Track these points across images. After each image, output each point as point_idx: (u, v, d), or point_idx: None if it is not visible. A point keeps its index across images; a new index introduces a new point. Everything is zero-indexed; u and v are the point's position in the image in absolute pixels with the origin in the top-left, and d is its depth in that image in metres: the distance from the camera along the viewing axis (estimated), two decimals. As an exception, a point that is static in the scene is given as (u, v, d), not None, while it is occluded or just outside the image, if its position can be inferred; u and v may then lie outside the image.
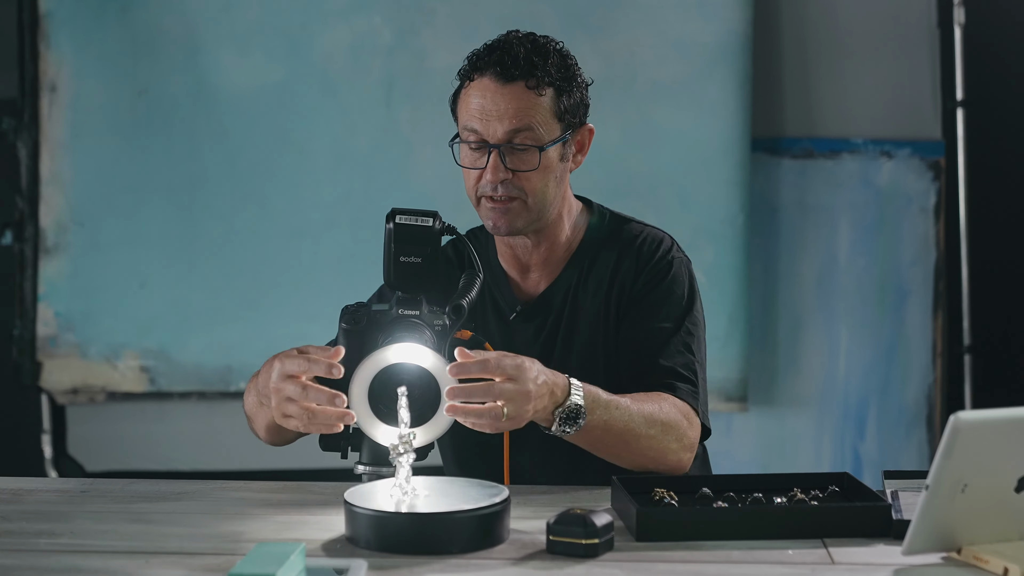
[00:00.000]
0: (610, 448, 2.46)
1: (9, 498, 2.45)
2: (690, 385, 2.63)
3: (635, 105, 4.68)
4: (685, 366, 2.64)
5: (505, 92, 2.59)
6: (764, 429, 4.82)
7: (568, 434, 2.37)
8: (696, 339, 2.71)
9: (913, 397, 4.77)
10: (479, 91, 2.62)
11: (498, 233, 2.68)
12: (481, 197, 2.64)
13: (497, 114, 2.59)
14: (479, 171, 2.62)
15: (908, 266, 4.77)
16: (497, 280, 2.82)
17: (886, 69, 4.78)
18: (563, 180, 2.71)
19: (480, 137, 2.61)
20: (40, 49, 4.77)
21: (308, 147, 4.76)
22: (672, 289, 2.72)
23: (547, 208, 2.67)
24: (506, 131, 2.58)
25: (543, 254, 2.77)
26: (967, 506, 1.92)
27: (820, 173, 4.79)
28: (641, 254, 2.75)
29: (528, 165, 2.60)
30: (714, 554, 2.02)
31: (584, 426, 2.37)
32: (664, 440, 2.49)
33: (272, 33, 4.75)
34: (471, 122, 2.61)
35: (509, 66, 2.59)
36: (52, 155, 4.78)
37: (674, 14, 4.66)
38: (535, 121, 2.60)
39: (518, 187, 2.61)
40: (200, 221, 4.77)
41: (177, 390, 4.80)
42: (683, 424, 2.54)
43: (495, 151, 2.59)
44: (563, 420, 2.35)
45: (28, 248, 4.79)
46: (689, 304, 2.73)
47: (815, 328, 4.81)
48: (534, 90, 2.60)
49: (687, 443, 2.55)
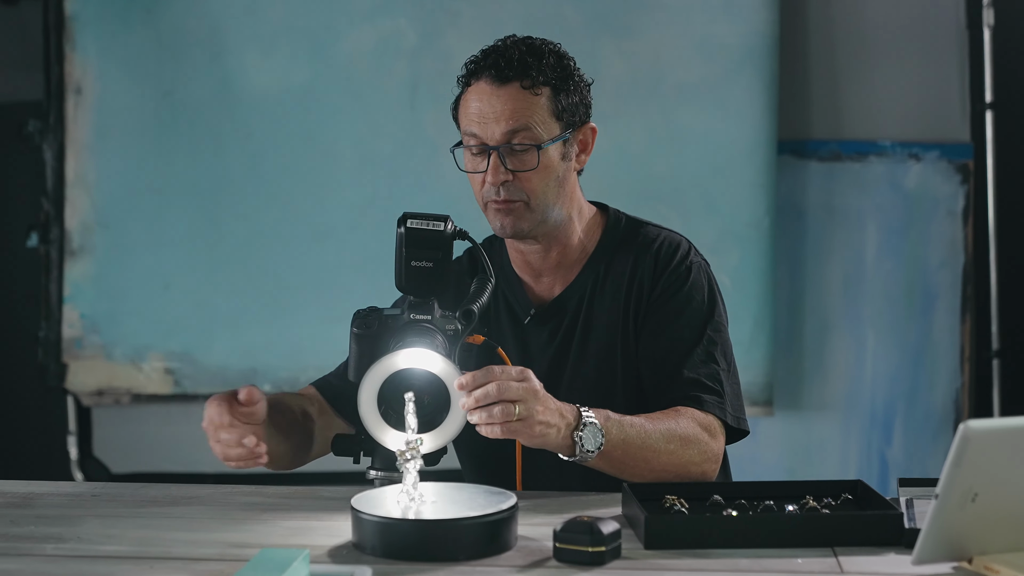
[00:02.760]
0: (632, 467, 2.44)
1: (20, 502, 2.45)
2: (715, 396, 2.60)
3: (660, 107, 4.66)
4: (710, 376, 2.62)
5: (501, 94, 2.60)
6: (790, 434, 4.79)
7: (592, 455, 2.35)
8: (719, 345, 2.69)
9: (941, 402, 4.73)
10: (476, 95, 2.62)
11: (504, 235, 2.67)
12: (487, 202, 2.64)
13: (494, 116, 2.59)
14: (482, 175, 2.62)
15: (936, 270, 4.74)
16: (511, 284, 2.80)
17: (914, 71, 4.75)
18: (566, 181, 2.68)
19: (480, 141, 2.61)
20: (66, 51, 4.79)
21: (332, 149, 4.76)
22: (691, 295, 2.70)
23: (550, 209, 2.65)
24: (504, 132, 2.58)
25: (555, 259, 2.75)
26: (978, 515, 1.89)
27: (847, 176, 4.75)
28: (659, 259, 2.72)
29: (528, 165, 2.60)
30: (722, 562, 2.00)
31: (605, 444, 2.35)
32: (685, 455, 2.48)
33: (296, 35, 4.75)
34: (470, 126, 2.62)
35: (503, 68, 2.59)
36: (77, 157, 4.79)
37: (700, 15, 4.63)
38: (532, 121, 2.59)
39: (519, 189, 2.60)
40: (224, 223, 4.78)
41: (202, 392, 4.80)
42: (703, 437, 2.52)
43: (494, 153, 2.59)
44: (585, 441, 2.33)
45: (53, 250, 4.80)
46: (710, 310, 2.71)
47: (842, 332, 4.78)
48: (529, 90, 2.60)
49: (710, 455, 2.53)
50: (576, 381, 2.72)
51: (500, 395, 2.20)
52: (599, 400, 2.54)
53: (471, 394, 2.19)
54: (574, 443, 2.34)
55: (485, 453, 2.77)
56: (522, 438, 2.28)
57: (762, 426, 4.73)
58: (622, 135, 4.64)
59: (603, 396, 2.67)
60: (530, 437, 2.28)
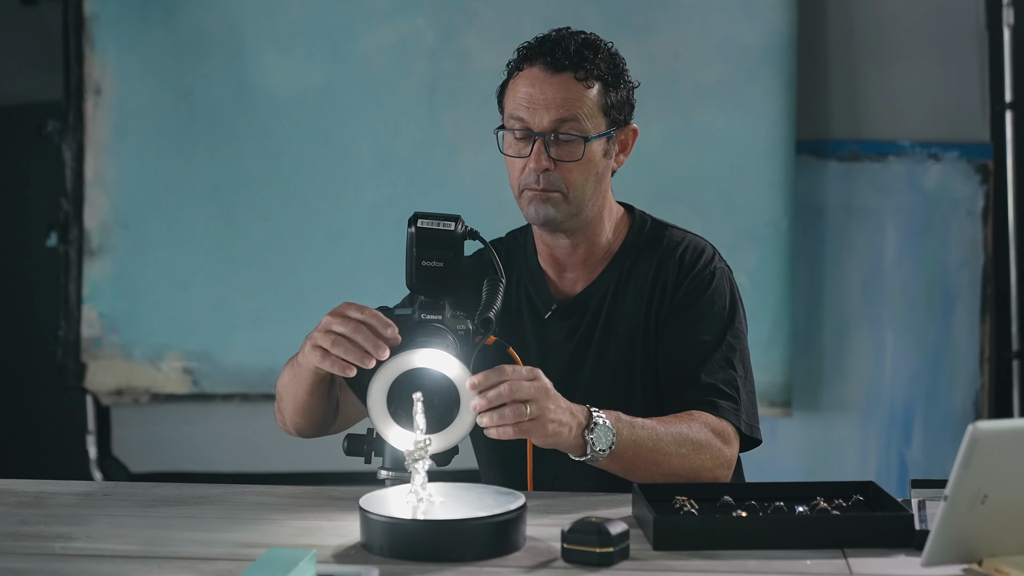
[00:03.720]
0: (643, 469, 2.43)
1: (31, 500, 2.45)
2: (731, 402, 2.60)
3: (679, 107, 4.65)
4: (727, 382, 2.62)
5: (553, 82, 2.59)
6: (808, 435, 4.77)
7: (603, 455, 2.35)
8: (738, 352, 2.68)
9: (960, 403, 4.71)
10: (527, 80, 2.62)
11: (536, 223, 2.66)
12: (524, 189, 2.62)
13: (544, 103, 2.58)
14: (523, 161, 2.61)
15: (955, 270, 4.72)
16: (534, 278, 2.80)
17: (934, 71, 4.73)
18: (604, 178, 2.69)
19: (525, 125, 2.60)
20: (85, 52, 4.80)
21: (351, 149, 4.76)
22: (713, 300, 2.69)
23: (586, 203, 2.65)
24: (552, 120, 2.58)
25: (582, 255, 2.75)
26: (987, 517, 1.88)
27: (866, 176, 4.73)
28: (683, 263, 2.72)
29: (572, 156, 2.59)
30: (730, 564, 1.99)
31: (615, 444, 2.35)
32: (696, 459, 2.47)
33: (315, 35, 4.75)
34: (518, 111, 2.61)
35: (559, 57, 2.59)
36: (96, 157, 4.80)
37: (718, 15, 4.62)
38: (581, 113, 2.59)
39: (559, 179, 2.59)
40: (243, 223, 4.79)
41: (220, 392, 4.81)
42: (715, 443, 2.52)
43: (539, 140, 2.58)
44: (596, 441, 2.33)
45: (72, 250, 4.81)
46: (731, 316, 2.70)
47: (861, 333, 4.76)
48: (582, 82, 2.60)
49: (722, 461, 2.53)
50: (594, 379, 2.72)
51: (512, 395, 2.19)
52: (617, 399, 2.54)
53: (483, 395, 2.18)
54: (585, 443, 2.33)
55: (501, 453, 2.77)
56: (534, 438, 2.28)
57: (780, 427, 4.72)
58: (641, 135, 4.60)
59: (621, 395, 2.67)
60: (543, 437, 2.27)
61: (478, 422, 2.20)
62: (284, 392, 2.64)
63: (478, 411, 2.19)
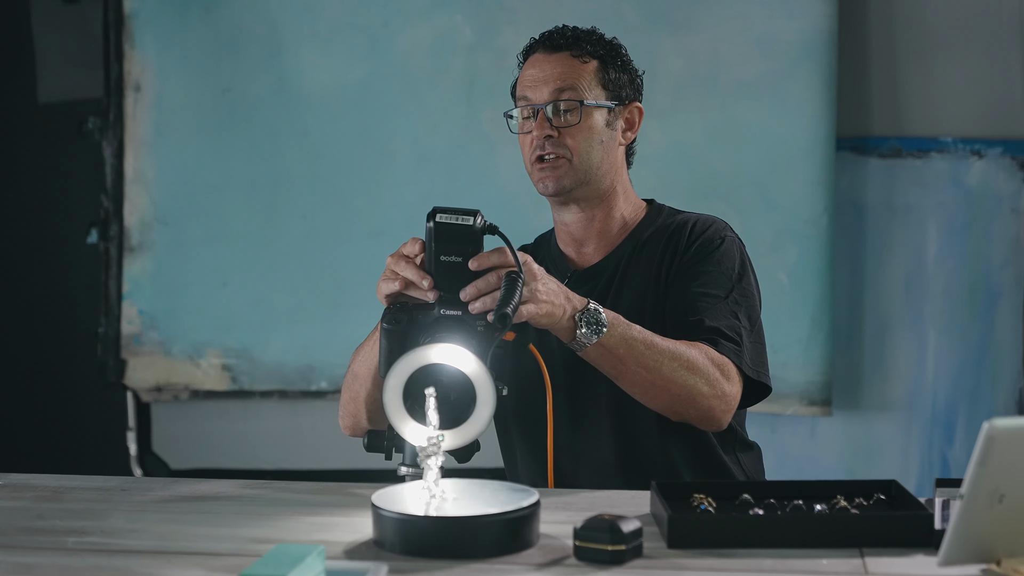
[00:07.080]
0: (633, 372, 2.48)
1: (49, 495, 2.46)
2: (733, 344, 2.63)
3: (718, 103, 4.62)
4: (730, 327, 2.66)
5: (552, 59, 2.80)
6: (849, 434, 4.72)
7: (591, 344, 2.42)
8: (744, 308, 2.72)
9: (1003, 402, 4.65)
10: (530, 64, 2.84)
11: (547, 194, 2.79)
12: (533, 162, 2.78)
13: (543, 79, 2.78)
14: (530, 137, 2.77)
15: (998, 268, 4.65)
16: (554, 258, 2.91)
17: (976, 66, 4.66)
18: (611, 149, 2.82)
19: (529, 102, 2.79)
20: (125, 49, 4.83)
21: (389, 146, 4.76)
22: (722, 260, 2.76)
23: (592, 170, 2.78)
24: (551, 91, 2.76)
25: (597, 228, 2.86)
26: (1005, 516, 1.84)
27: (908, 173, 4.68)
28: (695, 228, 2.81)
29: (571, 122, 2.75)
30: (745, 562, 1.96)
31: (606, 337, 2.42)
32: (691, 380, 2.51)
33: (354, 32, 4.76)
34: (523, 91, 2.81)
35: (556, 38, 2.82)
36: (136, 154, 4.82)
37: (758, 11, 4.59)
38: (579, 83, 2.77)
39: (563, 145, 2.75)
40: (282, 220, 4.79)
41: (259, 389, 4.82)
42: (713, 371, 2.55)
43: (541, 111, 2.76)
44: (585, 324, 2.40)
45: (113, 247, 4.84)
46: (739, 276, 2.76)
47: (902, 331, 4.71)
48: (578, 58, 2.79)
49: (720, 392, 2.56)
50: None
51: (500, 280, 2.28)
52: None
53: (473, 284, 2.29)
54: (575, 324, 2.41)
55: (524, 451, 2.77)
56: (529, 317, 2.34)
57: (821, 426, 4.68)
58: (680, 131, 4.61)
59: None
60: (536, 316, 2.35)
61: (470, 309, 2.28)
62: (360, 369, 2.69)
63: (468, 299, 2.28)
